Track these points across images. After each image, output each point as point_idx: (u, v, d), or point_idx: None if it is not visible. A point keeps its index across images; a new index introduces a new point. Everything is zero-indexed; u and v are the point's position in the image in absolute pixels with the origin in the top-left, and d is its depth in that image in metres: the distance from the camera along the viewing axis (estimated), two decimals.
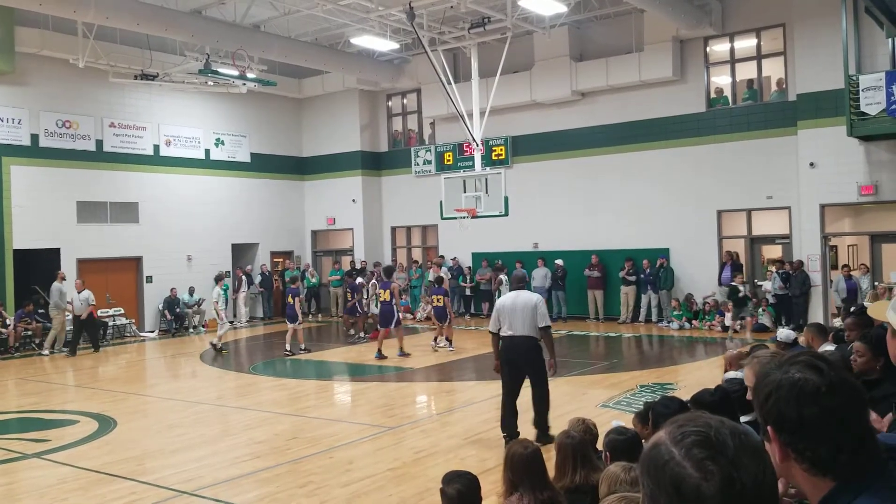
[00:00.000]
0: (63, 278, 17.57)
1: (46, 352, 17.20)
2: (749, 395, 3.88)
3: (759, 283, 17.87)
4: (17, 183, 18.25)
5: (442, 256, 22.69)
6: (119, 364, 16.23)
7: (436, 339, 16.15)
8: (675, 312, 18.38)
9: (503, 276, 19.99)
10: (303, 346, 16.04)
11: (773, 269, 17.87)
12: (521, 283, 8.78)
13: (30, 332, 17.62)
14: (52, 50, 18.12)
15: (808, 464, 1.48)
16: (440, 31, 18.41)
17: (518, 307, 8.16)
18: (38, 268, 18.31)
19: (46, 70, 18.70)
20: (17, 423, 10.63)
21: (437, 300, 15.75)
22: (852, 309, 8.66)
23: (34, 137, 18.67)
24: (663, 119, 19.22)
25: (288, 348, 15.73)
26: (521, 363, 8.20)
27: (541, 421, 8.16)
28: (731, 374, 6.47)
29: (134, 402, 11.75)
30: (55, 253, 18.88)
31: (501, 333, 8.25)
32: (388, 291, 15.01)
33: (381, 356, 14.71)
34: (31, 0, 14.45)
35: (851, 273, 16.46)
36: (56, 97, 19.06)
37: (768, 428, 1.51)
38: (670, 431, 1.31)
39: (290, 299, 15.89)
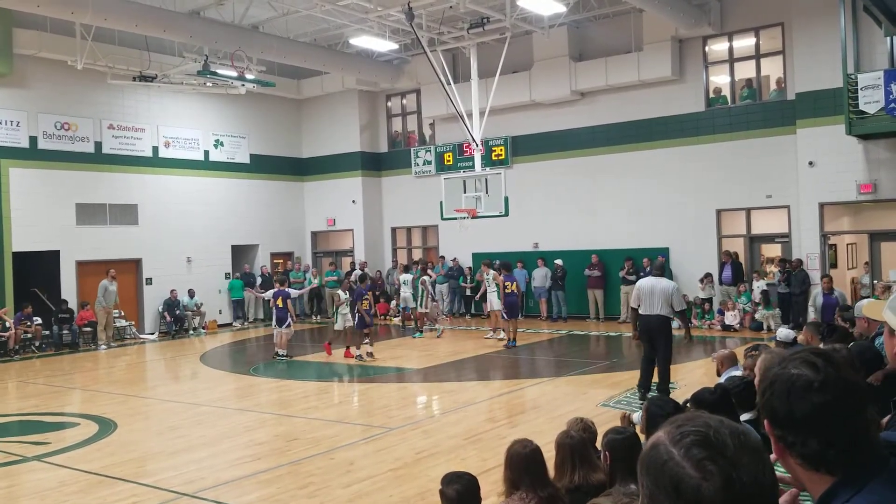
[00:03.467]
0: (113, 277, 18.71)
1: (103, 347, 18.30)
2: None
3: (756, 282, 17.86)
4: (15, 185, 18.22)
5: (443, 257, 22.67)
6: (119, 366, 16.23)
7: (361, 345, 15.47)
8: None
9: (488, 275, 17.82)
10: (281, 352, 15.52)
11: (773, 268, 17.79)
12: (661, 271, 10.40)
13: (29, 335, 17.61)
14: (51, 52, 18.09)
15: (801, 458, 1.51)
16: (439, 31, 18.41)
17: (656, 292, 9.80)
18: (37, 270, 18.29)
19: (45, 72, 18.67)
20: (17, 425, 10.62)
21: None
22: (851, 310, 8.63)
23: (33, 140, 18.65)
24: (662, 118, 19.22)
25: (282, 352, 15.53)
26: (654, 337, 9.92)
27: (662, 384, 9.84)
28: (737, 372, 6.48)
29: (134, 405, 11.74)
30: (54, 255, 18.86)
31: (640, 311, 9.90)
32: (514, 284, 16.26)
33: (514, 344, 15.93)
34: (29, 1, 14.42)
35: (833, 286, 14.86)
36: (54, 99, 19.04)
37: (765, 422, 1.56)
38: (669, 431, 1.31)
39: (279, 302, 15.71)
